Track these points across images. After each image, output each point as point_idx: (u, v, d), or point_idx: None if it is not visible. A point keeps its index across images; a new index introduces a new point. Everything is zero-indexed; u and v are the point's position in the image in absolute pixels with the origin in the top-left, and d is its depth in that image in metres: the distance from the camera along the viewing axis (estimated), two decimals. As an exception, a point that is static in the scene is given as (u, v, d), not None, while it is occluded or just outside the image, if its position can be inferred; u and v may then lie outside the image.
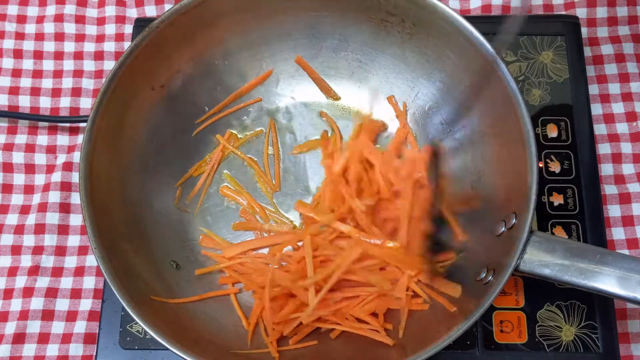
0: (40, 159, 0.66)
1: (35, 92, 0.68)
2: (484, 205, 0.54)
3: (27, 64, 0.69)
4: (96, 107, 0.51)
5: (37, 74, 0.69)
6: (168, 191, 0.59)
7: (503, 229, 0.50)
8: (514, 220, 0.48)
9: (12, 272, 0.61)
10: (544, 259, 0.46)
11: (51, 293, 0.60)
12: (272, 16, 0.58)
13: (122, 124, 0.54)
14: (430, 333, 0.48)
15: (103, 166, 0.52)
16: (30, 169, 0.65)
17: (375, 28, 0.58)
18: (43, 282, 0.61)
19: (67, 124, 0.66)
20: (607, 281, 0.45)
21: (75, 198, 0.64)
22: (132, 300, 0.47)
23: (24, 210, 0.64)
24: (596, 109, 0.65)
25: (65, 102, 0.68)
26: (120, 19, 0.70)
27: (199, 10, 0.54)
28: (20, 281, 0.61)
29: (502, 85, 0.49)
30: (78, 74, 0.69)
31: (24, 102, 0.68)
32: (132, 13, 0.71)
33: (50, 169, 0.65)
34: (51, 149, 0.66)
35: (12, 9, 0.71)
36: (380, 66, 0.60)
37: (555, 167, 0.59)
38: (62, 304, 0.60)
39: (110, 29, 0.70)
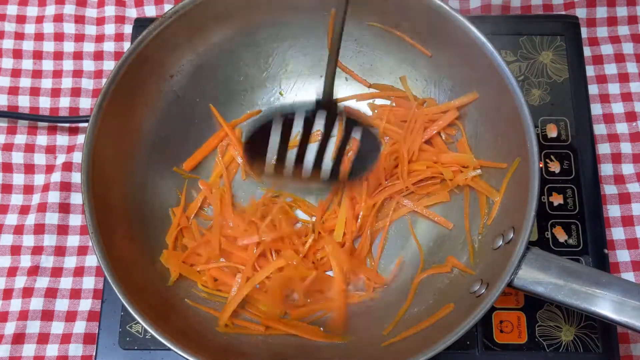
0: (39, 159, 0.66)
1: (34, 92, 0.68)
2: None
3: (27, 64, 0.69)
4: (105, 89, 0.51)
5: (37, 74, 0.69)
6: (170, 178, 0.59)
7: (501, 242, 0.50)
8: (512, 235, 0.48)
9: (12, 272, 0.61)
10: (538, 277, 0.46)
11: (51, 293, 0.60)
12: (285, 13, 0.58)
13: (129, 112, 0.55)
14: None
15: (107, 150, 0.52)
16: (29, 169, 0.65)
17: (388, 32, 0.58)
18: (42, 282, 0.60)
19: (67, 124, 0.66)
20: (601, 304, 0.44)
21: (75, 198, 0.64)
22: (127, 290, 0.47)
23: (24, 210, 0.64)
24: (596, 109, 0.65)
25: (64, 102, 0.68)
26: (120, 19, 0.70)
27: (213, 3, 0.54)
28: (20, 281, 0.60)
29: (509, 97, 0.50)
30: (78, 74, 0.69)
31: (24, 102, 0.67)
32: (132, 13, 0.71)
33: (49, 169, 0.65)
34: (51, 149, 0.66)
35: (12, 9, 0.71)
36: (391, 70, 0.60)
37: (555, 167, 0.59)
38: (61, 304, 0.60)
39: (109, 29, 0.70)
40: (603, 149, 0.63)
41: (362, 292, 0.56)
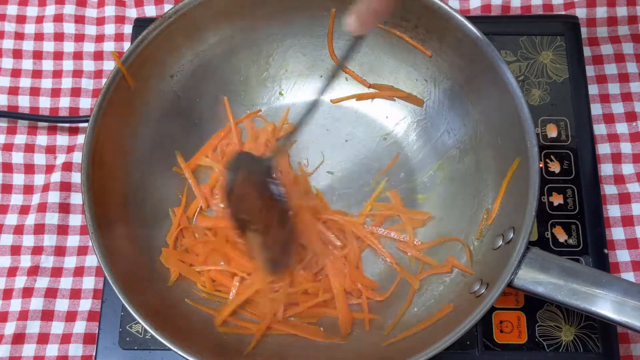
0: (39, 159, 0.65)
1: (34, 92, 0.68)
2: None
3: (27, 64, 0.69)
4: (105, 89, 0.51)
5: (37, 74, 0.69)
6: (170, 178, 0.59)
7: (500, 242, 0.50)
8: (512, 235, 0.48)
9: (12, 272, 0.61)
10: (538, 277, 0.46)
11: (51, 293, 0.60)
12: (283, 13, 0.58)
13: (129, 112, 0.55)
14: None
15: (107, 150, 0.52)
16: (29, 169, 0.65)
17: (388, 32, 0.58)
18: (42, 282, 0.60)
19: (67, 124, 0.66)
20: (601, 304, 0.44)
21: (75, 198, 0.64)
22: (127, 290, 0.47)
23: (24, 210, 0.64)
24: (596, 109, 0.65)
25: (64, 102, 0.68)
26: (120, 19, 0.70)
27: (213, 3, 0.54)
28: (20, 281, 0.60)
29: (509, 98, 0.50)
30: (77, 74, 0.69)
31: (24, 102, 0.67)
32: (132, 13, 0.71)
33: (49, 169, 0.65)
34: (51, 149, 0.66)
35: (12, 9, 0.71)
36: (390, 70, 0.60)
37: (555, 167, 0.59)
38: (61, 304, 0.60)
39: (109, 29, 0.70)
40: (603, 149, 0.63)
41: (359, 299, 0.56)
